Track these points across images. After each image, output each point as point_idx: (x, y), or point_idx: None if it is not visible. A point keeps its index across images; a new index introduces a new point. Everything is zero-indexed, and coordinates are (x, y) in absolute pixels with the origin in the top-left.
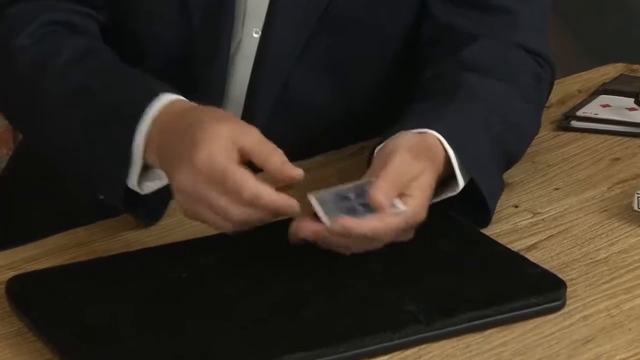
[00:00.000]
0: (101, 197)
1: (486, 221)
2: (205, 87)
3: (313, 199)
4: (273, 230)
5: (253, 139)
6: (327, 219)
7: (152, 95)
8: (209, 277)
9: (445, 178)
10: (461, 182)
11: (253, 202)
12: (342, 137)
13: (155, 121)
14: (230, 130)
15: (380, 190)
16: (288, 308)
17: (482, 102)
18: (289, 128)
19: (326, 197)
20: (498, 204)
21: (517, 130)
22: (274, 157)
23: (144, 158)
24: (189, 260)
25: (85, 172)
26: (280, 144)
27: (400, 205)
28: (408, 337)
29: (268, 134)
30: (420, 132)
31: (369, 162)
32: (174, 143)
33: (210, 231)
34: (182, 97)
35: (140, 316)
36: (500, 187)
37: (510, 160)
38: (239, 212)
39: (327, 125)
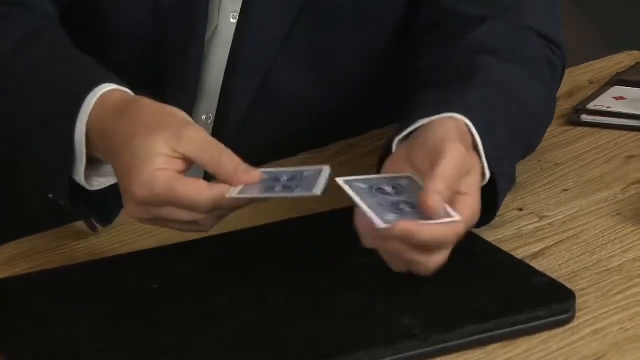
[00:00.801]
0: (50, 195)
1: (489, 220)
2: (178, 77)
3: (347, 188)
4: (254, 236)
5: (193, 145)
6: (378, 220)
7: (90, 86)
8: (183, 289)
9: None
10: (488, 175)
11: (215, 208)
12: (328, 132)
13: (92, 115)
14: (164, 142)
15: (436, 192)
16: (271, 323)
17: (500, 87)
18: (269, 122)
19: (359, 187)
20: (501, 207)
21: (535, 118)
22: (224, 161)
23: (90, 151)
24: (161, 269)
25: (32, 167)
26: (260, 140)
27: (450, 211)
28: (402, 353)
29: (246, 128)
30: (450, 117)
31: (381, 157)
32: (117, 157)
33: (181, 238)
34: (120, 87)
35: (104, 332)
36: (512, 181)
37: (525, 150)
38: (205, 220)
39: (311, 120)
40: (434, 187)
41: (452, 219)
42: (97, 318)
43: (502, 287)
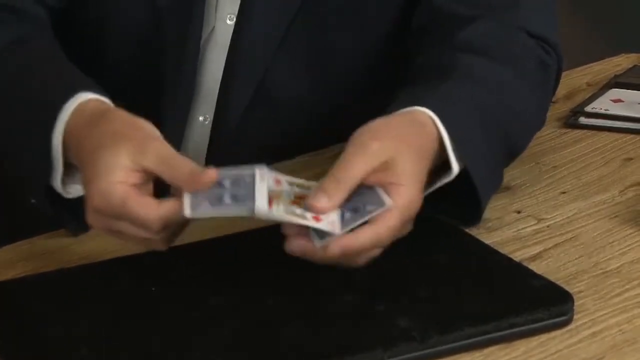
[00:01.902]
0: (32, 200)
1: (477, 217)
2: (175, 78)
3: (187, 210)
4: (253, 238)
5: (154, 157)
6: (318, 242)
7: (67, 94)
8: (181, 291)
9: (439, 165)
10: (455, 166)
11: (166, 227)
12: (326, 134)
13: (69, 122)
14: (127, 154)
15: (323, 191)
16: (269, 325)
17: (479, 84)
18: (267, 124)
19: (204, 206)
20: (499, 209)
21: (518, 117)
22: (179, 170)
23: (67, 158)
24: (159, 271)
25: (12, 173)
26: (257, 141)
27: (385, 199)
28: (400, 356)
29: (244, 129)
30: (407, 112)
31: None
32: (83, 166)
33: (178, 241)
34: (98, 97)
35: (103, 334)
36: (495, 177)
37: (510, 150)
38: (156, 238)
39: (309, 122)
40: (320, 187)
41: (383, 208)
42: (96, 320)
43: (500, 289)
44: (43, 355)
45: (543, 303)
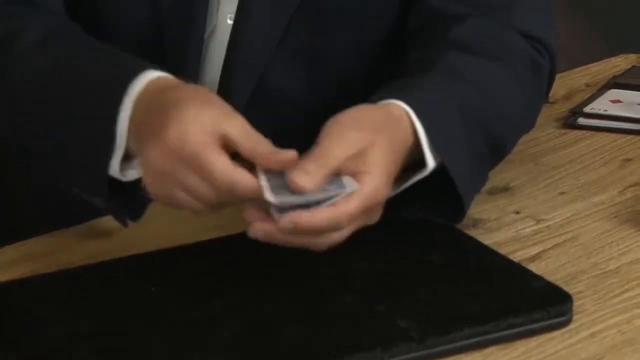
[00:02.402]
0: (75, 190)
1: (460, 217)
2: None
3: (262, 177)
4: (252, 241)
5: (237, 127)
6: (276, 214)
7: (134, 73)
8: (181, 292)
9: (417, 161)
10: (430, 161)
11: (227, 189)
12: None
13: (138, 101)
14: (211, 115)
15: (303, 170)
16: (268, 326)
17: (463, 80)
18: (266, 123)
19: (276, 176)
20: (498, 209)
21: (504, 116)
22: (261, 146)
23: (128, 142)
24: (159, 272)
25: (61, 162)
26: None
27: (350, 184)
28: (399, 356)
29: None
30: (384, 104)
31: None
32: (148, 119)
33: (182, 241)
34: (166, 74)
35: (103, 336)
36: (479, 175)
37: (495, 148)
38: (211, 194)
39: (307, 121)
40: (298, 166)
41: (345, 191)
42: (96, 321)
43: (499, 290)
44: (44, 356)
45: (542, 303)
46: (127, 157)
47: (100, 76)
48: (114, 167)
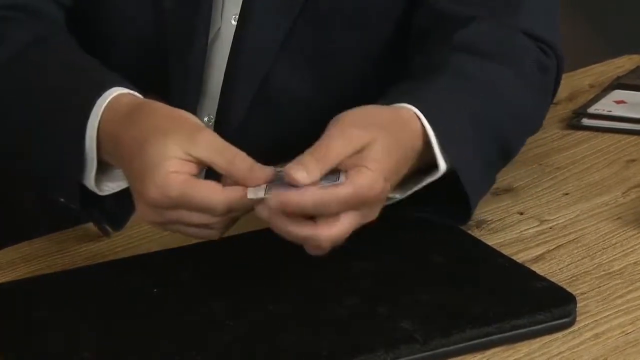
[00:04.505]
0: (61, 199)
1: (467, 217)
2: (180, 79)
3: (260, 192)
4: (254, 241)
5: (207, 147)
6: (254, 191)
7: (100, 90)
8: (183, 294)
9: (427, 164)
10: (442, 164)
11: (229, 210)
12: None
13: (103, 119)
14: (177, 146)
15: (301, 164)
16: (271, 328)
17: (471, 83)
18: (269, 124)
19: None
20: (502, 210)
21: (512, 117)
22: (238, 162)
23: (100, 155)
24: (161, 274)
25: (39, 173)
26: (260, 141)
27: (341, 177)
28: (403, 357)
29: (247, 129)
30: (393, 107)
31: None
32: (129, 162)
33: (183, 242)
34: (130, 91)
35: (104, 337)
36: (487, 176)
37: (504, 150)
38: (216, 220)
39: (311, 122)
40: (298, 160)
41: (334, 183)
42: (98, 322)
43: (502, 290)
44: (44, 356)
45: (546, 304)
46: (105, 168)
47: (69, 90)
48: (89, 181)
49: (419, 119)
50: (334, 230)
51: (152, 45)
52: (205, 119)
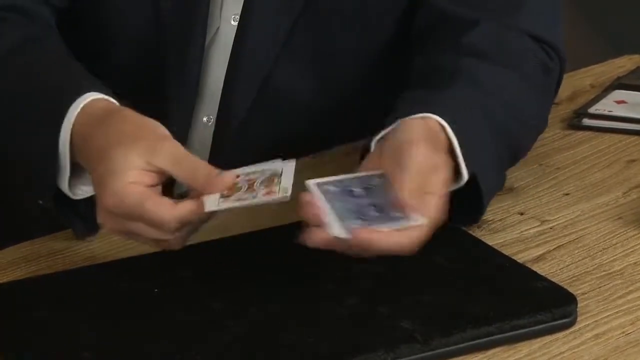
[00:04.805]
0: (40, 202)
1: (477, 219)
2: (179, 80)
3: (316, 191)
4: (254, 241)
5: (168, 158)
6: (339, 227)
7: (75, 94)
8: (183, 294)
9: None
10: (465, 173)
11: (176, 226)
12: (329, 135)
13: (76, 122)
14: (138, 155)
15: (405, 190)
16: (271, 328)
17: (484, 88)
18: (270, 124)
19: (329, 189)
20: (502, 210)
21: (522, 120)
22: (195, 172)
23: (74, 158)
24: (161, 274)
25: (18, 173)
26: (261, 142)
27: (415, 218)
28: (403, 357)
29: (247, 130)
30: (421, 118)
31: (362, 156)
32: (94, 166)
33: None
34: (105, 97)
35: (104, 337)
36: (499, 180)
37: (514, 153)
38: (165, 235)
39: (312, 123)
40: (400, 185)
41: (415, 223)
42: (98, 322)
43: (503, 290)
44: (44, 357)
45: (546, 305)
46: (81, 171)
47: (47, 93)
48: (64, 184)
49: (445, 130)
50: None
51: (150, 45)
52: (205, 119)
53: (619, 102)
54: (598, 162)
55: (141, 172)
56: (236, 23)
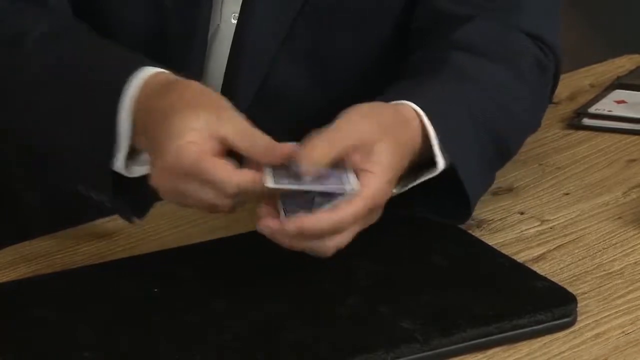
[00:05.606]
0: (79, 187)
1: (466, 216)
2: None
3: (266, 168)
4: (255, 241)
5: (231, 128)
6: (283, 218)
7: (132, 70)
8: (183, 294)
9: (425, 160)
10: (441, 163)
11: (234, 192)
12: None
13: (138, 98)
14: (205, 121)
15: (310, 144)
16: (271, 328)
17: (471, 82)
18: (270, 122)
19: (282, 168)
20: (502, 210)
21: (511, 117)
22: (257, 142)
23: (132, 138)
24: (161, 274)
25: (66, 157)
26: None
27: (352, 182)
28: (403, 357)
29: None
30: (394, 104)
31: None
32: (153, 130)
33: (183, 242)
34: (163, 70)
35: (103, 337)
36: (486, 176)
37: (502, 150)
38: (223, 200)
39: (311, 120)
40: (308, 144)
41: (345, 189)
42: (98, 323)
43: (503, 290)
44: (44, 357)
45: (546, 304)
46: (133, 152)
47: (99, 75)
48: (119, 165)
49: (420, 117)
50: (341, 239)
51: (151, 42)
52: None
53: (618, 102)
54: (598, 161)
55: (202, 136)
56: (236, 21)
